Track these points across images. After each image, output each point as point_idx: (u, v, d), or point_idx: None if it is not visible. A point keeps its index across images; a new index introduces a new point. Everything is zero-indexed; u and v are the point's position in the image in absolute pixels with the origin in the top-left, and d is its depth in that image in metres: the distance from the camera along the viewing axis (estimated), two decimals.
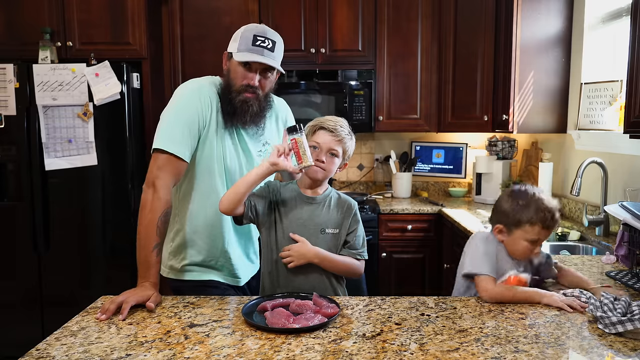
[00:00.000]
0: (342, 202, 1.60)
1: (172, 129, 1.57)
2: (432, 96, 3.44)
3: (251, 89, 1.61)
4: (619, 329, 1.19)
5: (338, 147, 1.52)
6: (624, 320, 1.18)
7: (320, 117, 1.57)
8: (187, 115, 1.59)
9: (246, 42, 1.58)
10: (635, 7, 1.79)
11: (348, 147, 1.55)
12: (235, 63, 1.61)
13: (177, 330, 1.24)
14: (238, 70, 1.61)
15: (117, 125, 2.97)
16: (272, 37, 1.61)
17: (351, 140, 1.56)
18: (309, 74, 3.34)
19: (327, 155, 1.51)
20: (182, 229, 1.71)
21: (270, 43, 1.59)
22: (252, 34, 1.59)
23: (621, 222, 1.72)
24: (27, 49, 3.02)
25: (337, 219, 1.57)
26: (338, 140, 1.51)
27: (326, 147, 1.51)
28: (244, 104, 1.61)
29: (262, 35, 1.59)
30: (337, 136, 1.50)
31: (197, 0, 3.33)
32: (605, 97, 2.58)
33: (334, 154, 1.52)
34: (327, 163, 1.52)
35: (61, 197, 2.99)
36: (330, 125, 1.51)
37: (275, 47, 1.61)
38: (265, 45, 1.58)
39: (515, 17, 2.86)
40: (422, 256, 3.20)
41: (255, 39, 1.58)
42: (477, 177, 3.43)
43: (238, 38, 1.62)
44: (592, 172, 2.49)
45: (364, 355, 1.09)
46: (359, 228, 1.60)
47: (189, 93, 1.64)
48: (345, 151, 1.55)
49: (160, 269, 1.81)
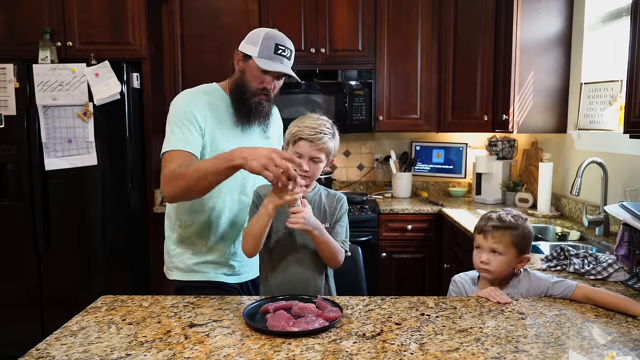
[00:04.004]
0: (330, 196, 1.64)
1: (173, 132, 1.63)
2: (432, 96, 3.44)
3: (266, 91, 1.70)
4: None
5: (319, 154, 1.55)
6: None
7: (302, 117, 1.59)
8: (187, 118, 1.64)
9: (268, 49, 1.65)
10: (635, 7, 1.79)
11: (331, 148, 1.57)
12: (255, 67, 1.67)
13: (177, 330, 1.24)
14: (256, 74, 1.68)
15: (117, 125, 2.97)
16: (290, 46, 1.71)
17: (333, 140, 1.57)
18: (309, 74, 3.34)
19: (309, 163, 1.55)
20: (187, 225, 1.73)
21: (289, 52, 1.69)
22: (274, 42, 1.65)
23: (621, 222, 1.72)
24: (27, 49, 3.02)
25: (327, 213, 1.61)
26: (318, 149, 1.54)
27: (308, 156, 1.54)
28: (258, 105, 1.70)
29: (282, 44, 1.67)
30: (316, 145, 1.53)
31: (197, 0, 3.32)
32: (605, 97, 2.58)
33: (316, 161, 1.55)
34: (311, 170, 1.55)
35: (61, 197, 2.99)
36: (310, 135, 1.53)
37: (291, 56, 1.71)
38: (285, 54, 1.68)
39: (515, 17, 2.86)
40: (422, 256, 3.20)
41: (277, 48, 1.66)
42: (477, 177, 3.43)
43: (258, 43, 1.66)
44: (592, 172, 2.49)
45: (364, 355, 1.09)
46: (344, 219, 1.63)
47: (182, 101, 1.71)
48: (328, 153, 1.57)
49: (165, 271, 1.82)
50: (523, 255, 1.50)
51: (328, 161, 1.60)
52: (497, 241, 1.49)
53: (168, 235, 1.80)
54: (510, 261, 1.49)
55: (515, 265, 1.51)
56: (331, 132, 1.57)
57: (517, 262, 1.51)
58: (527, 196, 3.13)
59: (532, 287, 1.50)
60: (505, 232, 1.49)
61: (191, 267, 1.73)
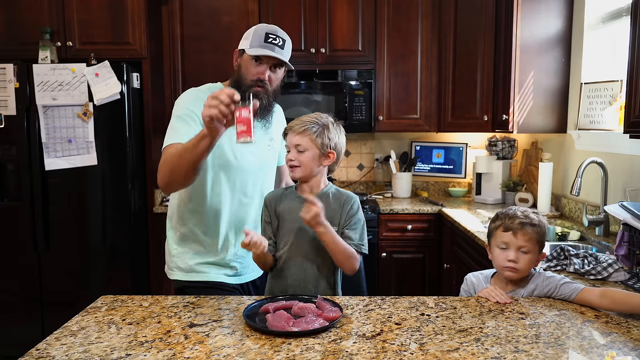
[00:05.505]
0: (340, 195, 1.61)
1: (174, 128, 1.64)
2: (432, 96, 3.44)
3: (261, 82, 1.68)
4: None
5: (302, 141, 1.54)
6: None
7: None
8: (187, 115, 1.65)
9: (258, 38, 1.66)
10: (635, 7, 1.79)
11: (320, 137, 1.54)
12: (247, 58, 1.68)
13: (177, 330, 1.24)
14: (249, 65, 1.68)
15: (117, 125, 2.97)
16: (283, 35, 1.70)
17: (324, 133, 1.55)
18: (309, 74, 3.34)
19: (295, 152, 1.55)
20: (188, 225, 1.73)
21: (281, 41, 1.68)
22: (264, 32, 1.66)
23: (621, 222, 1.72)
24: (27, 49, 3.02)
25: (335, 213, 1.58)
26: (299, 135, 1.54)
27: (292, 145, 1.56)
28: (254, 97, 1.64)
29: (273, 33, 1.67)
30: (299, 133, 1.54)
31: (197, 0, 3.33)
32: (605, 97, 2.58)
33: (301, 150, 1.54)
34: (297, 159, 1.54)
35: (61, 197, 2.99)
36: (293, 125, 1.56)
37: (285, 45, 1.69)
38: (276, 42, 1.66)
39: (515, 17, 2.86)
40: (422, 256, 3.20)
41: (267, 37, 1.65)
42: (477, 177, 3.43)
43: (250, 36, 1.68)
44: (592, 172, 2.49)
45: (364, 355, 1.09)
46: (357, 220, 1.59)
47: (186, 98, 1.71)
48: (316, 143, 1.54)
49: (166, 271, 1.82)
50: (542, 253, 1.51)
51: (321, 153, 1.55)
52: (528, 239, 1.47)
53: (169, 234, 1.80)
54: (534, 259, 1.49)
55: (536, 263, 1.51)
56: (320, 124, 1.55)
57: (537, 260, 1.51)
58: (527, 196, 3.13)
59: (540, 286, 1.48)
60: (532, 230, 1.48)
61: (192, 267, 1.73)
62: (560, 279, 1.46)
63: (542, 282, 1.48)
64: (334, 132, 1.58)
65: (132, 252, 3.08)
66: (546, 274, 1.52)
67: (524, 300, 1.44)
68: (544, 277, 1.50)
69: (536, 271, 1.53)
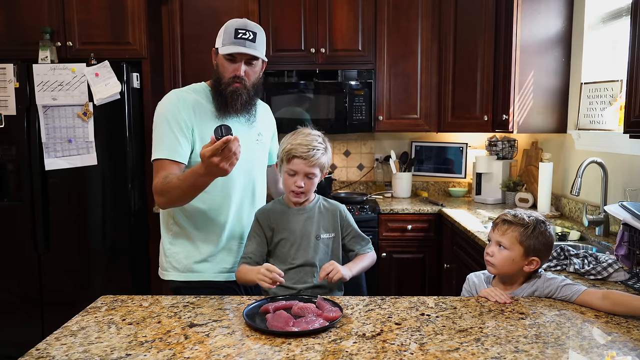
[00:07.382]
0: (331, 206, 1.70)
1: (162, 138, 1.66)
2: (432, 96, 3.44)
3: (238, 79, 1.69)
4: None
5: (314, 170, 1.60)
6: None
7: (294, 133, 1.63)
8: (175, 121, 1.66)
9: (229, 36, 1.67)
10: (635, 7, 1.79)
11: (324, 162, 1.63)
12: (222, 57, 1.70)
13: (177, 330, 1.24)
14: (225, 64, 1.70)
15: (117, 125, 2.97)
16: (253, 29, 1.70)
17: (326, 155, 1.63)
18: (309, 74, 3.34)
19: (304, 179, 1.60)
20: (181, 223, 1.73)
21: (251, 35, 1.68)
22: (233, 28, 1.67)
23: (621, 222, 1.72)
24: (27, 49, 3.02)
25: (330, 223, 1.67)
26: (312, 165, 1.59)
27: (302, 173, 1.60)
28: (233, 94, 1.70)
29: (242, 28, 1.67)
30: (310, 162, 1.58)
31: (197, 0, 3.33)
32: (605, 97, 2.58)
33: (311, 177, 1.61)
34: (306, 186, 1.61)
35: (61, 197, 2.99)
36: (304, 153, 1.58)
37: (256, 38, 1.69)
38: (246, 37, 1.67)
39: (515, 17, 2.86)
40: (422, 256, 3.20)
41: (237, 32, 1.66)
42: (477, 177, 3.43)
43: (222, 34, 1.70)
44: (592, 172, 2.49)
45: (364, 355, 1.09)
46: (352, 224, 1.71)
47: (168, 102, 1.73)
48: (322, 168, 1.63)
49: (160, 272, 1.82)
50: (531, 257, 1.46)
51: (322, 174, 1.65)
52: (502, 234, 1.49)
53: (164, 234, 1.80)
54: (515, 258, 1.46)
55: (522, 265, 1.47)
56: (323, 146, 1.62)
57: (525, 263, 1.47)
58: (527, 196, 3.13)
59: (540, 287, 1.48)
60: (513, 228, 1.48)
61: (188, 267, 1.73)
62: (562, 281, 1.46)
63: (543, 283, 1.48)
64: (329, 154, 1.65)
65: (132, 252, 3.08)
66: (547, 275, 1.51)
67: (524, 300, 1.44)
68: (545, 278, 1.49)
69: (536, 275, 1.52)
